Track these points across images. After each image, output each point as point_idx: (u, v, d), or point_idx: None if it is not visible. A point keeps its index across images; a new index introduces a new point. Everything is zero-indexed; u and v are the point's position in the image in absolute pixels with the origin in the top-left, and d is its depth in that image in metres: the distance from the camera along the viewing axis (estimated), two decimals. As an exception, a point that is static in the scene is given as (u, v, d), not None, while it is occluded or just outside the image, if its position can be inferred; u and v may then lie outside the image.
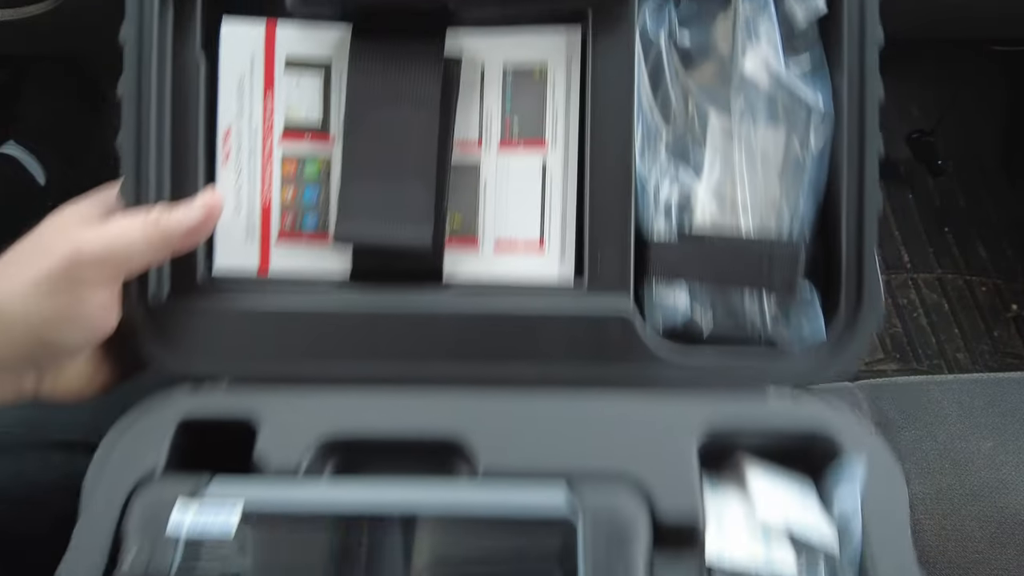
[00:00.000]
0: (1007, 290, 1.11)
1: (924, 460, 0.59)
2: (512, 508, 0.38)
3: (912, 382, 0.65)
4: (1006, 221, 1.16)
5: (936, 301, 1.10)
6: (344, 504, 0.39)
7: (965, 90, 1.19)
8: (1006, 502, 0.57)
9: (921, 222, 1.16)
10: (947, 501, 0.58)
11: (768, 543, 0.39)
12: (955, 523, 0.57)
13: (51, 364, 0.43)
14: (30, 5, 0.70)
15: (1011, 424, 0.61)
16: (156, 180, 0.45)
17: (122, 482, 0.41)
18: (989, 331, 1.08)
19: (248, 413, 0.43)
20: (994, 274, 1.13)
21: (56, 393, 0.44)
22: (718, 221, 0.46)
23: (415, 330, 0.45)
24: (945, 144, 1.17)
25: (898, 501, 0.40)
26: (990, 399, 0.62)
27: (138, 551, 0.38)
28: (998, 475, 0.58)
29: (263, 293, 0.46)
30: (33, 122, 1.06)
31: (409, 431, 0.42)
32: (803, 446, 0.43)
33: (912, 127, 1.18)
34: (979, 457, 0.59)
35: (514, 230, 0.47)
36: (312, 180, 0.47)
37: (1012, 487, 0.58)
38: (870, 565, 0.38)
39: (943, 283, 1.12)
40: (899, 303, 1.10)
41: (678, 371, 0.45)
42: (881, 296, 0.44)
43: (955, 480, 0.58)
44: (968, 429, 0.61)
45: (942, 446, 0.60)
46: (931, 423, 0.61)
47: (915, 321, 1.09)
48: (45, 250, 0.40)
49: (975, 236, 1.15)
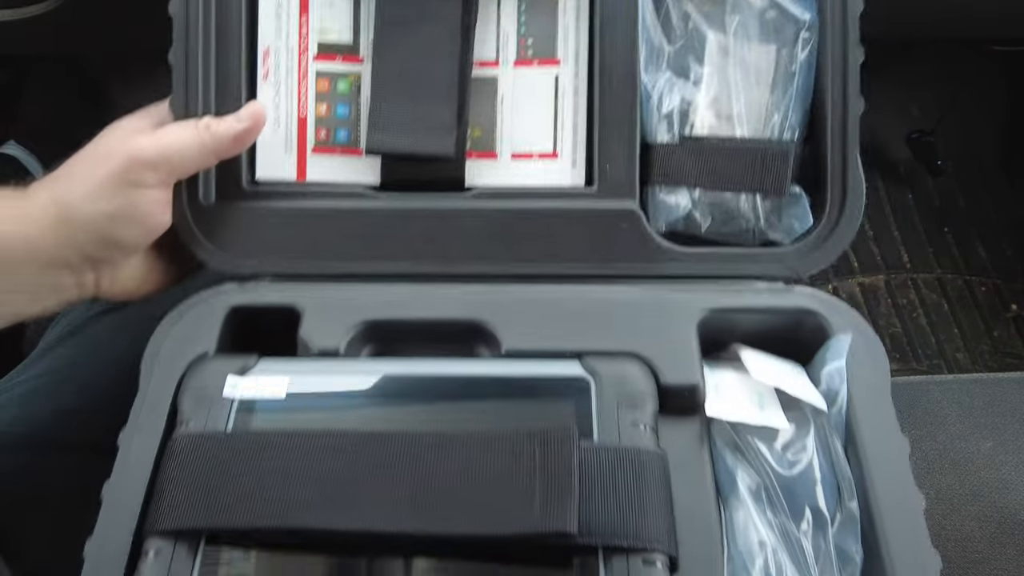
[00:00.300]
0: (1007, 290, 1.11)
1: (924, 460, 0.59)
2: (534, 374, 0.43)
3: (912, 382, 0.65)
4: (1006, 221, 1.16)
5: (936, 301, 1.10)
6: (385, 373, 0.43)
7: (965, 90, 1.19)
8: (1006, 502, 0.57)
9: (921, 222, 1.17)
10: (947, 501, 0.58)
11: (762, 406, 0.43)
12: (955, 523, 0.57)
13: (110, 263, 0.47)
14: (30, 5, 0.70)
15: (1011, 424, 0.61)
16: (203, 94, 0.49)
17: (177, 362, 0.45)
18: (989, 331, 1.08)
19: (292, 301, 0.47)
20: (994, 274, 1.13)
21: (114, 291, 0.48)
22: (715, 131, 0.50)
23: (441, 230, 0.50)
24: (945, 144, 1.17)
25: (880, 372, 0.44)
26: (990, 399, 0.62)
27: (195, 415, 0.42)
28: (998, 475, 0.58)
29: (302, 198, 0.50)
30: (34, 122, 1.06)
31: (438, 316, 0.47)
32: (793, 333, 0.47)
33: (912, 127, 1.17)
34: (979, 457, 0.59)
35: (529, 141, 0.51)
36: (344, 97, 0.51)
37: (1012, 487, 0.58)
38: (854, 425, 0.42)
39: (943, 283, 1.12)
40: (899, 303, 1.10)
41: (679, 264, 0.49)
42: (863, 194, 0.48)
43: (955, 480, 0.58)
44: (968, 429, 0.61)
45: (942, 446, 0.60)
46: (931, 423, 0.61)
47: (915, 321, 1.09)
48: (106, 155, 0.44)
49: (975, 236, 1.15)
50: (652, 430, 0.41)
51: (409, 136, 0.49)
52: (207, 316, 0.47)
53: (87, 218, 0.44)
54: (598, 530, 0.37)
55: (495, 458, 0.39)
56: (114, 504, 0.40)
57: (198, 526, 0.38)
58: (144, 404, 0.44)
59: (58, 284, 0.46)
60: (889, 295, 1.11)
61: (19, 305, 0.46)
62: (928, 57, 1.16)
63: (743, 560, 0.39)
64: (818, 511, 0.41)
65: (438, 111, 0.49)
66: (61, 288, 0.46)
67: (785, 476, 0.42)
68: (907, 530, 0.39)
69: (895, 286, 1.12)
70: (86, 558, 0.39)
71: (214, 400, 0.42)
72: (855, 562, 0.39)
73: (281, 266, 0.50)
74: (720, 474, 0.42)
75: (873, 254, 1.14)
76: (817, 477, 0.41)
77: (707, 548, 0.39)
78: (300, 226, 0.50)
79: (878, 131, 1.18)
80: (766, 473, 0.42)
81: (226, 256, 0.50)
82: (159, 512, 0.39)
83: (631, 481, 0.38)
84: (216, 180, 0.50)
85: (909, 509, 0.40)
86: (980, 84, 1.20)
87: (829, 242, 0.49)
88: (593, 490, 0.38)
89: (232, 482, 0.39)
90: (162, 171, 0.45)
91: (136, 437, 0.42)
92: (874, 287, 1.11)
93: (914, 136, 1.17)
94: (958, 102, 1.18)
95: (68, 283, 0.46)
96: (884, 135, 1.19)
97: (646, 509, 0.38)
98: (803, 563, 0.39)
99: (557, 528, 0.36)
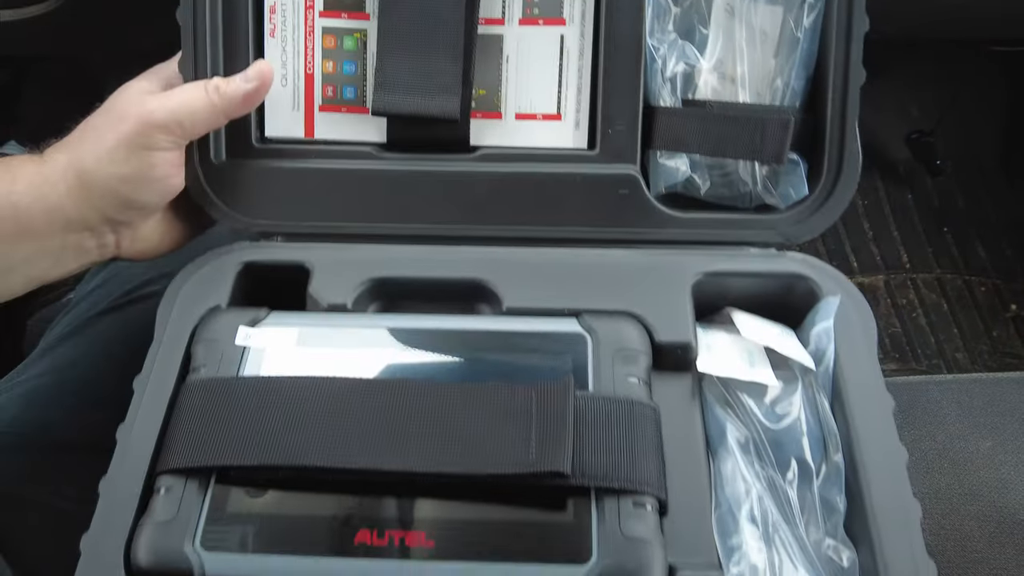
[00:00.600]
0: (1006, 290, 1.11)
1: (923, 460, 0.59)
2: (533, 330, 0.45)
3: (911, 382, 0.65)
4: (1005, 221, 1.16)
5: (935, 301, 1.10)
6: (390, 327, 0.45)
7: (965, 90, 1.19)
8: (1005, 501, 0.58)
9: (920, 222, 1.17)
10: (946, 500, 0.58)
11: (752, 363, 0.45)
12: (954, 522, 0.57)
13: (128, 224, 0.48)
14: (31, 5, 0.70)
15: (1010, 424, 0.61)
16: (211, 52, 0.49)
17: (191, 313, 0.47)
18: (988, 331, 1.08)
19: (302, 258, 0.49)
20: (993, 274, 1.13)
21: (133, 251, 0.49)
22: (719, 93, 0.51)
23: (446, 193, 0.51)
24: (945, 144, 1.17)
25: (867, 332, 0.45)
26: (989, 399, 0.62)
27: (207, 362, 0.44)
28: (997, 475, 0.58)
29: (310, 157, 0.51)
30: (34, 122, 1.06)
31: (442, 276, 0.49)
32: (784, 297, 0.48)
33: (912, 127, 1.17)
34: (978, 457, 0.59)
35: (533, 102, 0.52)
36: (350, 54, 0.52)
37: (1011, 486, 0.58)
38: (841, 382, 0.44)
39: (942, 283, 1.12)
40: (898, 303, 1.10)
41: (676, 229, 0.50)
42: (859, 164, 0.49)
43: (954, 480, 0.58)
44: (967, 429, 0.61)
45: (941, 446, 0.60)
46: (930, 423, 0.61)
47: (914, 321, 1.09)
48: (119, 118, 0.45)
49: (974, 236, 1.15)
50: (645, 383, 0.43)
51: (415, 97, 0.49)
52: (220, 271, 0.49)
53: (104, 182, 0.45)
54: (591, 473, 0.38)
55: (494, 404, 0.40)
56: (128, 445, 0.42)
57: (208, 464, 0.40)
58: (158, 352, 0.45)
59: (80, 246, 0.47)
60: (889, 295, 1.11)
61: (43, 268, 0.47)
62: (928, 57, 1.16)
63: (730, 506, 0.40)
64: (804, 463, 0.42)
65: (444, 70, 0.49)
66: (83, 250, 0.47)
67: (773, 430, 0.43)
68: (890, 481, 0.40)
69: (895, 286, 1.12)
70: (100, 495, 0.41)
71: (226, 349, 0.44)
72: (839, 511, 0.41)
73: (291, 225, 0.51)
74: (710, 427, 0.44)
75: (873, 254, 1.14)
76: (804, 431, 0.43)
77: (696, 495, 0.41)
78: (309, 186, 0.51)
79: (878, 131, 1.18)
80: (754, 426, 0.43)
81: (238, 215, 0.51)
82: (171, 451, 0.41)
83: (623, 429, 0.40)
84: (226, 138, 0.51)
85: (892, 461, 0.41)
86: (980, 84, 1.20)
87: (822, 210, 0.50)
88: (587, 436, 0.39)
89: (241, 423, 0.40)
90: (175, 133, 0.46)
91: (150, 383, 0.44)
92: (874, 287, 1.11)
93: (914, 136, 1.17)
94: (958, 102, 1.18)
95: (89, 245, 0.47)
96: (884, 135, 1.19)
97: (637, 455, 0.39)
98: (788, 511, 0.41)
99: (551, 468, 0.38)
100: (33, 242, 0.45)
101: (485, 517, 0.39)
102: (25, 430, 0.57)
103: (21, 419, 0.58)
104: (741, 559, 0.38)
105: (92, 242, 0.47)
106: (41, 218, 0.45)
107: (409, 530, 0.38)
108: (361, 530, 0.38)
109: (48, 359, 0.62)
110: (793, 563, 0.39)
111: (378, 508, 0.39)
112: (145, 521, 0.39)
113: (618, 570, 0.37)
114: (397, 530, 0.38)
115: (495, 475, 0.38)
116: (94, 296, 0.65)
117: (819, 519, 0.41)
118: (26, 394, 0.60)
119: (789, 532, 0.40)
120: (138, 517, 0.40)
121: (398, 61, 0.49)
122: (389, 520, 0.39)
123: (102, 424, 0.44)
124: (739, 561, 0.38)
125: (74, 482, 0.54)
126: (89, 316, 0.64)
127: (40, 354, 0.64)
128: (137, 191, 0.46)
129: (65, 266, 0.47)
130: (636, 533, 0.38)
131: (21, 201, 0.44)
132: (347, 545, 0.38)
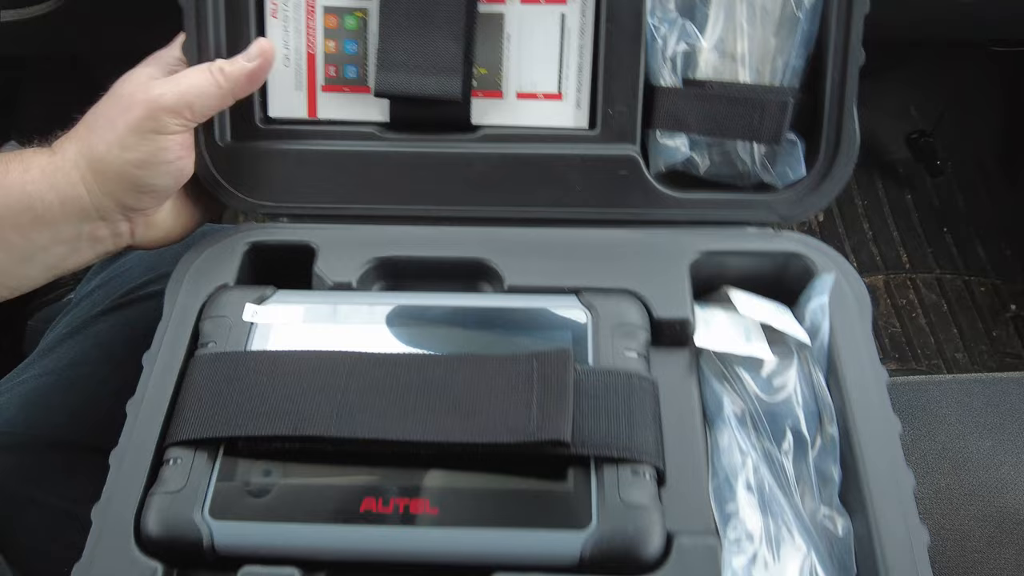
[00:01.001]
0: (1006, 290, 1.11)
1: (923, 460, 0.59)
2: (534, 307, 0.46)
3: (911, 382, 0.65)
4: (1005, 221, 1.16)
5: (935, 301, 1.10)
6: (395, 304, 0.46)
7: (965, 90, 1.19)
8: (1005, 501, 0.58)
9: (920, 222, 1.17)
10: (946, 501, 0.58)
11: (748, 339, 0.45)
12: (954, 523, 0.57)
13: (142, 211, 0.48)
14: (32, 5, 0.70)
15: (1010, 424, 0.61)
16: (213, 33, 0.50)
17: (199, 291, 0.48)
18: (988, 331, 1.08)
19: (307, 239, 0.50)
20: (993, 274, 1.13)
21: (147, 239, 0.50)
22: (719, 72, 0.51)
23: (448, 173, 0.51)
24: (944, 144, 1.17)
25: (862, 308, 0.46)
26: (989, 399, 0.62)
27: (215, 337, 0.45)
28: (997, 475, 0.58)
29: (314, 139, 0.52)
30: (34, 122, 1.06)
31: (445, 255, 0.50)
32: (781, 275, 0.49)
33: (912, 127, 1.18)
34: (978, 457, 0.59)
35: (534, 81, 0.52)
36: (352, 33, 0.52)
37: (1011, 486, 0.58)
38: (836, 357, 0.44)
39: (942, 283, 1.12)
40: (898, 303, 1.10)
41: (676, 208, 0.51)
42: (856, 146, 0.49)
43: (954, 480, 0.58)
44: (967, 429, 0.61)
45: (941, 446, 0.60)
46: (930, 423, 0.61)
47: (914, 321, 1.09)
48: (128, 105, 0.45)
49: (974, 236, 1.15)
50: (643, 358, 0.44)
51: (417, 77, 0.50)
52: (227, 251, 0.50)
53: (118, 168, 0.45)
54: (590, 442, 0.39)
55: (497, 375, 0.41)
56: (137, 418, 0.43)
57: (217, 435, 0.40)
58: (167, 329, 0.46)
59: (95, 235, 0.47)
60: (888, 295, 1.11)
61: (60, 256, 0.47)
62: (928, 57, 1.16)
63: (726, 475, 0.41)
64: (799, 435, 0.43)
65: (446, 49, 0.49)
66: (98, 239, 0.47)
67: (769, 403, 0.44)
68: (884, 451, 0.41)
69: (894, 286, 1.12)
70: (111, 466, 0.41)
71: (234, 324, 0.45)
72: (834, 481, 0.42)
73: (296, 207, 0.52)
74: (707, 400, 0.45)
75: (872, 254, 1.14)
76: (799, 404, 0.44)
77: (693, 465, 0.42)
78: (313, 167, 0.51)
79: (878, 131, 1.18)
80: (750, 400, 0.44)
81: (244, 197, 0.52)
82: (180, 423, 0.41)
83: (622, 400, 0.41)
84: (230, 120, 0.51)
85: (886, 432, 0.42)
86: (980, 84, 1.20)
87: (819, 190, 0.50)
88: (587, 407, 0.40)
89: (249, 395, 0.41)
90: (184, 116, 0.46)
91: (159, 358, 0.45)
92: (873, 287, 1.11)
93: (914, 136, 1.17)
94: (958, 102, 1.18)
95: (104, 234, 0.47)
96: (884, 135, 1.19)
97: (635, 425, 0.40)
98: (784, 481, 0.42)
99: (552, 437, 0.38)
100: (49, 231, 0.46)
101: (488, 485, 0.39)
102: (25, 430, 0.57)
103: (21, 419, 0.58)
104: (738, 525, 0.39)
105: (106, 231, 0.47)
106: (56, 207, 0.45)
107: (414, 498, 0.39)
108: (367, 498, 0.39)
109: (48, 359, 0.62)
110: (789, 531, 0.39)
111: (383, 477, 0.40)
112: (155, 491, 0.40)
113: (617, 535, 0.38)
114: (402, 498, 0.39)
115: (497, 444, 0.39)
116: (94, 296, 0.65)
117: (814, 489, 0.42)
118: (26, 394, 0.60)
119: (785, 501, 0.41)
120: (147, 488, 0.40)
121: (400, 41, 0.50)
122: (394, 489, 0.39)
123: (102, 424, 0.44)
124: (736, 527, 0.39)
125: (74, 482, 0.54)
126: (89, 316, 0.64)
127: (40, 354, 0.64)
128: (151, 175, 0.46)
129: (81, 255, 0.48)
130: (635, 500, 0.38)
131: (36, 191, 0.45)
132: (353, 513, 0.39)
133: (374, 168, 0.51)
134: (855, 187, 1.18)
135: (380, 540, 0.38)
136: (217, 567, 0.39)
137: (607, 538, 0.37)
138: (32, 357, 0.64)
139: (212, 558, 0.39)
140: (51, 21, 0.71)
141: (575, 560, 0.38)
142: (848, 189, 1.18)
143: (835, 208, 1.17)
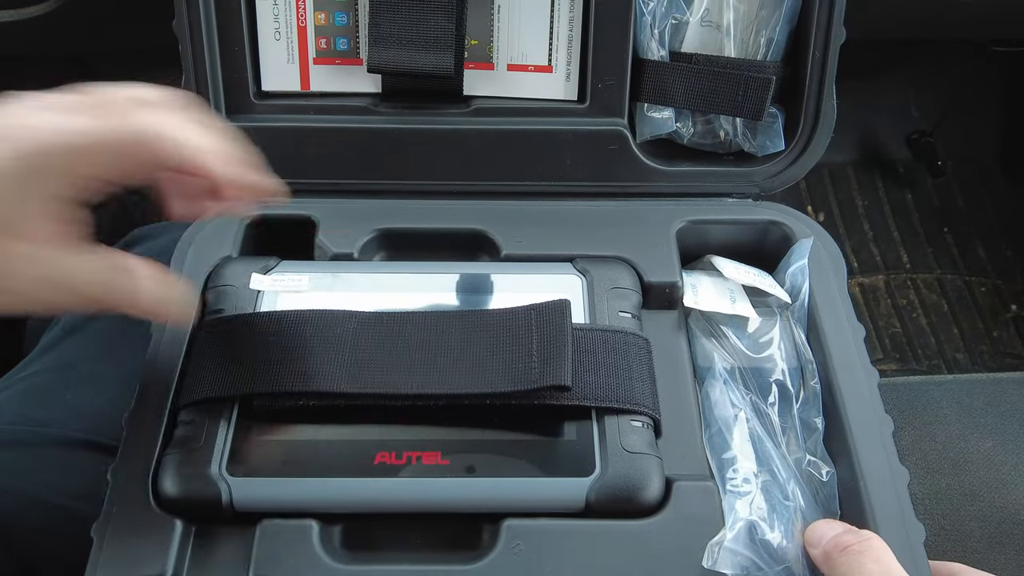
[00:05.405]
0: (1006, 290, 1.11)
1: (923, 460, 0.59)
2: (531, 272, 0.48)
3: (911, 382, 0.65)
4: (1005, 221, 1.16)
5: (935, 301, 1.10)
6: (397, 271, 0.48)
7: (965, 90, 1.19)
8: (1005, 502, 0.58)
9: (920, 222, 1.17)
10: (946, 501, 0.58)
11: (733, 300, 0.48)
12: (954, 523, 0.57)
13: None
14: (31, 6, 0.70)
15: (1010, 424, 0.61)
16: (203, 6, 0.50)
17: (203, 263, 0.48)
18: (988, 331, 1.08)
19: (308, 212, 0.51)
20: (993, 274, 1.13)
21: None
22: (706, 44, 0.53)
23: (442, 148, 0.53)
24: (945, 144, 1.17)
25: (838, 270, 0.49)
26: (989, 399, 0.62)
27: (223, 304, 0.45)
28: (997, 475, 0.59)
29: (308, 113, 0.53)
30: (33, 122, 1.05)
31: (444, 226, 0.51)
32: (761, 242, 0.52)
33: (912, 127, 1.18)
34: (978, 457, 0.59)
35: (525, 53, 0.53)
36: (341, 5, 0.52)
37: (1011, 487, 0.58)
38: (815, 315, 0.47)
39: (942, 283, 1.12)
40: (898, 303, 1.10)
41: (663, 180, 0.54)
42: (833, 121, 0.52)
43: (954, 480, 0.59)
44: (967, 429, 0.61)
45: (941, 446, 0.60)
46: (930, 423, 0.61)
47: (914, 321, 1.09)
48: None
49: (974, 236, 1.15)
50: (636, 318, 0.46)
51: (409, 52, 0.50)
52: (229, 225, 0.50)
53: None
54: (591, 395, 0.41)
55: (497, 329, 0.43)
56: (150, 382, 0.44)
57: (229, 394, 0.41)
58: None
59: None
60: (889, 295, 1.11)
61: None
62: (928, 57, 1.16)
63: (719, 426, 0.44)
64: (784, 388, 0.46)
65: (437, 23, 0.50)
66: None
67: (754, 359, 0.47)
68: (864, 400, 0.44)
69: (895, 286, 1.12)
70: (125, 429, 0.42)
71: (240, 292, 0.46)
72: (818, 431, 0.44)
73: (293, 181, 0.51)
74: (697, 357, 0.47)
75: (873, 254, 1.14)
76: (783, 359, 0.47)
77: (686, 418, 0.44)
78: (308, 143, 0.52)
79: (878, 131, 1.19)
80: (737, 356, 0.47)
81: None
82: (193, 385, 0.42)
83: (618, 356, 0.43)
84: (224, 96, 0.52)
85: (865, 383, 0.44)
86: (980, 84, 1.20)
87: (796, 164, 0.53)
88: (587, 363, 0.42)
89: (259, 354, 0.42)
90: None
91: (167, 326, 0.45)
92: (874, 287, 1.11)
93: (914, 136, 1.17)
94: (958, 102, 1.18)
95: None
96: (884, 135, 1.19)
97: (632, 379, 0.43)
98: (771, 430, 0.45)
99: (554, 382, 0.40)
100: None
101: (496, 437, 0.41)
102: (25, 427, 0.57)
103: (21, 416, 0.58)
104: (737, 471, 0.41)
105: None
106: None
107: (425, 450, 0.40)
108: (380, 452, 0.40)
109: (48, 356, 0.62)
110: (779, 477, 0.42)
111: (395, 431, 0.41)
112: (170, 451, 0.41)
113: (620, 480, 0.40)
114: (414, 451, 0.40)
115: (501, 393, 0.40)
116: (94, 295, 0.65)
117: (799, 439, 0.45)
118: (26, 391, 0.60)
119: (773, 449, 0.43)
120: (163, 450, 0.41)
121: (392, 16, 0.50)
122: (406, 442, 0.41)
123: (103, 421, 0.44)
124: (735, 473, 0.41)
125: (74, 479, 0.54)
126: (89, 314, 0.64)
127: (40, 352, 0.64)
128: None
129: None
130: (635, 447, 0.41)
131: None
132: (367, 465, 0.40)
133: (370, 143, 0.52)
134: (855, 187, 1.18)
135: (395, 491, 0.40)
136: (236, 522, 0.39)
137: (611, 484, 0.39)
138: (32, 354, 0.64)
139: (230, 513, 0.39)
140: (51, 21, 0.71)
141: (581, 505, 0.40)
142: (848, 189, 1.18)
143: (835, 208, 1.17)
